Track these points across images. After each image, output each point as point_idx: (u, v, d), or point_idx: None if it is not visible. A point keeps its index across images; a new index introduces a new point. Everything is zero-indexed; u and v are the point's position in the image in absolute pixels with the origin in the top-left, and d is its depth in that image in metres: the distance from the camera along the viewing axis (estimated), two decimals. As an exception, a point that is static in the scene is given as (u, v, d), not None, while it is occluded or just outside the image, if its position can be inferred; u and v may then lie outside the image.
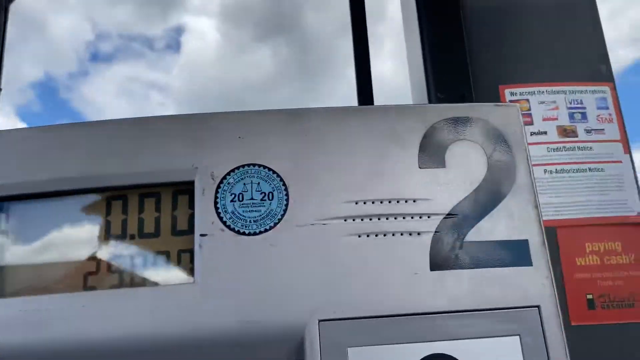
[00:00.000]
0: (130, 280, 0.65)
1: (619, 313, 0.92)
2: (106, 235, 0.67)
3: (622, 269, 0.96)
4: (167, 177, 0.67)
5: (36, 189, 0.68)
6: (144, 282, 0.65)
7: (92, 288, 0.65)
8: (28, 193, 0.68)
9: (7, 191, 0.68)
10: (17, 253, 0.67)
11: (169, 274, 0.65)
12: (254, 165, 0.67)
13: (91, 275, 0.66)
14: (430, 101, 1.02)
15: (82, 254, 0.66)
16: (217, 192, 0.66)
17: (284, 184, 0.66)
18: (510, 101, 1.00)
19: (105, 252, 0.66)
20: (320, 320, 0.61)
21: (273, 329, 0.61)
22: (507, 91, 1.00)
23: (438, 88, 1.01)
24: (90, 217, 0.67)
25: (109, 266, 0.66)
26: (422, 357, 0.60)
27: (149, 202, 0.68)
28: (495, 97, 1.00)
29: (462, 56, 1.01)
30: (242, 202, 0.65)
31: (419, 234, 0.65)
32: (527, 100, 1.02)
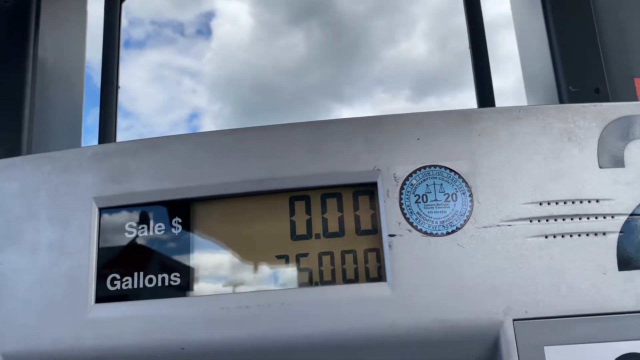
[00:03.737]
0: (319, 279, 0.67)
1: None
2: (292, 234, 0.69)
3: None
4: (350, 179, 0.69)
5: (222, 190, 0.70)
6: (333, 280, 0.67)
7: (282, 285, 0.68)
8: (215, 195, 0.71)
9: (194, 193, 0.71)
10: (205, 252, 0.70)
11: (357, 273, 0.67)
12: (435, 166, 0.68)
13: (281, 272, 0.68)
14: (560, 95, 1.01)
15: (271, 253, 0.69)
16: (401, 193, 0.67)
17: (467, 185, 0.67)
18: (647, 93, 0.98)
19: (292, 251, 0.69)
20: (514, 320, 0.62)
21: (467, 328, 0.63)
22: (642, 83, 0.98)
23: (570, 81, 0.99)
24: (275, 218, 0.70)
25: (298, 264, 0.68)
26: (618, 356, 0.61)
27: (331, 203, 0.70)
28: (630, 90, 0.99)
29: (594, 48, 1.00)
30: (426, 203, 0.67)
31: (604, 234, 0.65)
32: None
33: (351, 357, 0.65)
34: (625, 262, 0.65)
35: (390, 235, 0.66)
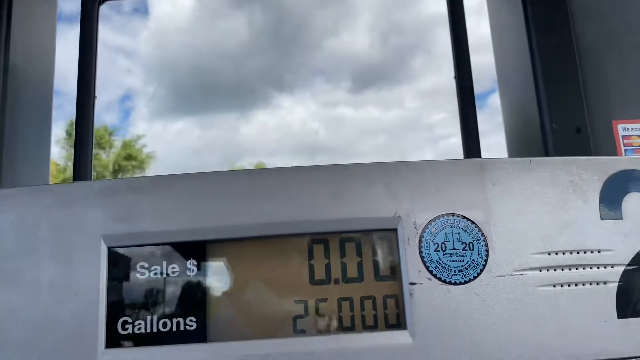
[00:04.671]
0: (338, 325, 0.68)
1: None
2: (311, 278, 0.69)
3: None
4: (370, 225, 0.70)
5: (238, 233, 0.69)
6: (353, 327, 0.68)
7: (302, 332, 0.68)
8: (231, 237, 0.69)
9: (209, 234, 0.69)
10: (222, 296, 0.69)
11: (377, 319, 0.68)
12: (453, 215, 0.70)
13: (300, 318, 0.68)
14: (543, 132, 1.07)
15: (289, 297, 0.69)
16: (420, 240, 0.69)
17: (482, 234, 0.70)
18: (623, 137, 1.05)
19: (311, 296, 0.69)
20: (526, 366, 0.66)
21: (484, 375, 0.66)
22: (619, 126, 1.05)
23: (553, 119, 1.05)
24: (294, 261, 0.70)
25: (316, 310, 0.68)
26: (617, 400, 0.66)
27: (350, 247, 0.70)
28: (609, 132, 1.05)
29: (577, 88, 1.06)
30: (445, 252, 0.69)
31: (605, 283, 0.70)
32: (640, 136, 1.06)
33: (371, 403, 0.66)
34: (623, 310, 0.70)
35: (412, 284, 0.68)
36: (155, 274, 0.69)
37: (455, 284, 0.68)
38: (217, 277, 0.69)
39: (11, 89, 1.11)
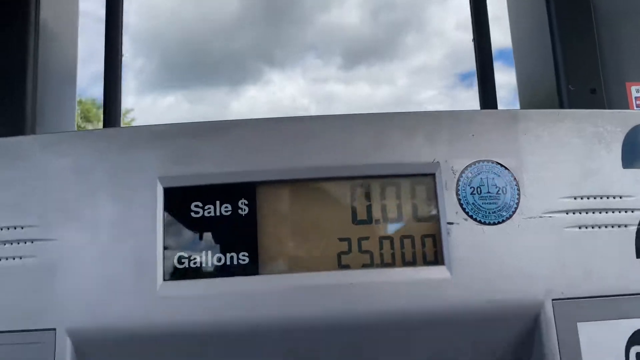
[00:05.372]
0: (380, 261, 0.73)
1: None
2: (353, 219, 0.74)
3: None
4: (410, 170, 0.75)
5: (287, 175, 0.74)
6: (393, 263, 0.73)
7: (345, 267, 0.73)
8: (280, 179, 0.74)
9: (260, 176, 0.74)
10: (271, 233, 0.74)
11: (415, 256, 0.73)
12: (488, 161, 0.75)
13: (343, 255, 0.73)
14: (559, 93, 1.11)
15: (334, 235, 0.74)
16: (457, 184, 0.74)
17: (515, 179, 0.75)
18: (636, 98, 1.10)
19: (354, 234, 0.74)
20: (553, 300, 0.72)
21: (513, 307, 0.72)
22: (633, 88, 1.10)
23: (570, 80, 1.09)
24: (337, 203, 0.75)
25: (359, 247, 0.73)
26: (635, 330, 0.72)
27: (390, 190, 0.75)
28: (622, 93, 1.10)
29: (593, 51, 1.10)
30: (480, 195, 0.74)
31: (625, 226, 0.76)
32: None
33: (409, 334, 0.72)
34: (641, 251, 0.75)
35: (449, 223, 0.73)
36: (209, 212, 0.73)
37: (489, 224, 0.73)
38: (265, 216, 0.74)
39: (42, 44, 1.13)
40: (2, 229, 0.73)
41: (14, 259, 0.72)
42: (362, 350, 0.72)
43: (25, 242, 0.72)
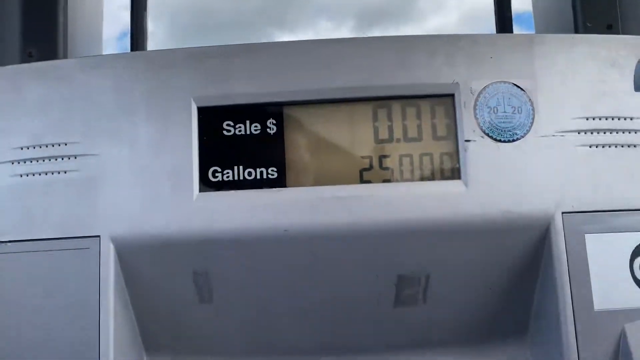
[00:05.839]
0: (400, 177, 0.78)
1: None
2: (375, 138, 0.79)
3: None
4: (431, 90, 0.78)
5: (313, 96, 0.78)
6: (413, 178, 0.78)
7: (367, 181, 0.78)
8: (307, 100, 0.78)
9: (288, 97, 0.78)
10: (298, 151, 0.78)
11: (433, 172, 0.78)
12: (505, 82, 0.78)
13: (365, 171, 0.78)
14: (576, 29, 1.13)
15: (356, 153, 0.78)
16: (475, 104, 0.78)
17: (530, 100, 0.78)
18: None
19: (375, 152, 0.78)
20: (563, 212, 0.76)
21: (526, 219, 0.76)
22: (650, 22, 1.12)
23: (587, 17, 1.11)
24: (360, 123, 0.79)
25: (380, 164, 0.78)
26: (639, 242, 0.77)
27: (411, 110, 0.79)
28: (638, 29, 1.12)
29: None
30: (497, 114, 0.78)
31: (635, 146, 0.79)
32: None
33: (429, 243, 0.77)
34: (649, 169, 0.79)
35: (467, 141, 0.77)
36: (240, 131, 0.78)
37: (504, 141, 0.77)
38: (292, 135, 0.78)
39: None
40: (47, 146, 0.78)
41: (59, 173, 0.77)
42: (381, 258, 0.77)
43: (69, 158, 0.78)
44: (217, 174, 0.77)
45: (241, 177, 0.77)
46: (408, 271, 0.79)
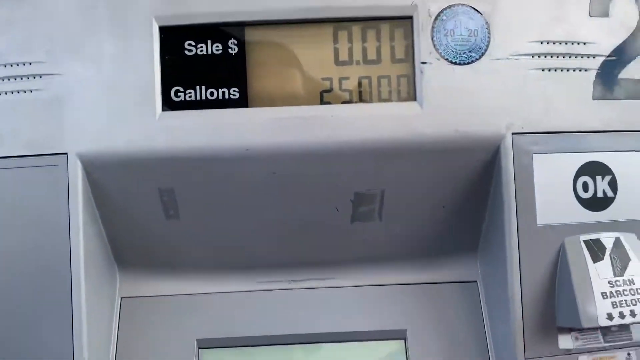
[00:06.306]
0: (358, 98, 0.80)
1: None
2: (335, 60, 0.80)
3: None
4: (390, 12, 0.80)
5: (274, 16, 0.79)
6: (371, 100, 0.80)
7: (327, 103, 0.80)
8: (267, 19, 0.79)
9: (249, 17, 0.79)
10: (260, 72, 0.80)
11: (391, 94, 0.80)
12: (462, 4, 0.80)
13: (325, 92, 0.80)
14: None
15: (317, 74, 0.80)
16: (433, 27, 0.80)
17: (486, 23, 0.80)
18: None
19: (336, 74, 0.80)
20: (513, 133, 0.80)
21: (478, 138, 0.80)
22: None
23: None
24: (320, 44, 0.80)
25: (340, 85, 0.80)
26: (584, 162, 0.81)
27: (371, 33, 0.81)
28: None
29: None
30: (453, 37, 0.80)
31: (586, 70, 0.82)
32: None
33: (384, 161, 0.80)
34: (597, 94, 0.82)
35: (422, 63, 0.79)
36: (202, 51, 0.79)
37: (460, 64, 0.80)
38: (256, 55, 0.80)
39: None
40: (12, 65, 0.79)
41: (25, 92, 0.79)
42: (339, 176, 0.81)
43: (35, 77, 0.79)
44: (179, 94, 0.79)
45: (203, 97, 0.79)
46: (364, 189, 0.83)
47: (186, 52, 0.79)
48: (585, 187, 0.82)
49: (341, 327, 0.88)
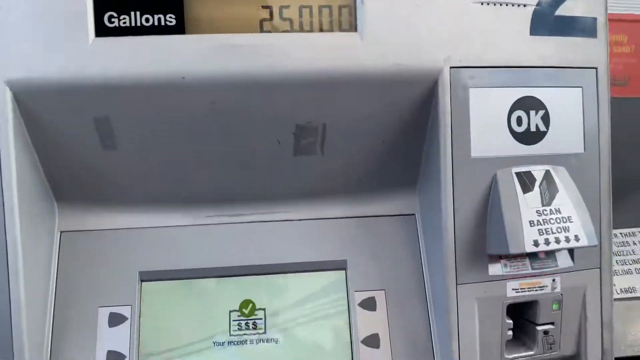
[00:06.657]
0: (299, 27, 0.79)
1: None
2: (276, -13, 0.79)
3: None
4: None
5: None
6: (312, 30, 0.80)
7: (267, 31, 0.79)
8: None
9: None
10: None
11: (332, 24, 0.80)
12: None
13: (265, 21, 0.79)
14: None
15: (257, 2, 0.79)
16: (374, -44, 0.78)
17: (428, -45, 0.79)
18: None
19: (276, 3, 0.79)
20: (451, 67, 0.81)
21: (417, 71, 0.81)
22: None
23: None
24: (260, -29, 0.78)
25: (280, 14, 0.79)
26: (519, 97, 0.83)
27: (311, -38, 0.79)
28: None
29: None
30: (394, -34, 0.79)
31: (525, 5, 0.83)
32: None
33: (324, 93, 0.80)
34: (535, 29, 0.84)
35: (363, -8, 0.78)
36: (136, -26, 0.76)
37: (400, -5, 0.79)
38: (192, -19, 0.77)
39: None
40: None
41: (-54, 14, 0.74)
42: (279, 107, 0.81)
43: (-44, -1, 0.74)
44: (113, 19, 0.76)
45: (138, 23, 0.77)
46: (305, 121, 0.83)
47: (119, -27, 0.76)
48: (519, 121, 0.84)
49: (283, 259, 0.90)
